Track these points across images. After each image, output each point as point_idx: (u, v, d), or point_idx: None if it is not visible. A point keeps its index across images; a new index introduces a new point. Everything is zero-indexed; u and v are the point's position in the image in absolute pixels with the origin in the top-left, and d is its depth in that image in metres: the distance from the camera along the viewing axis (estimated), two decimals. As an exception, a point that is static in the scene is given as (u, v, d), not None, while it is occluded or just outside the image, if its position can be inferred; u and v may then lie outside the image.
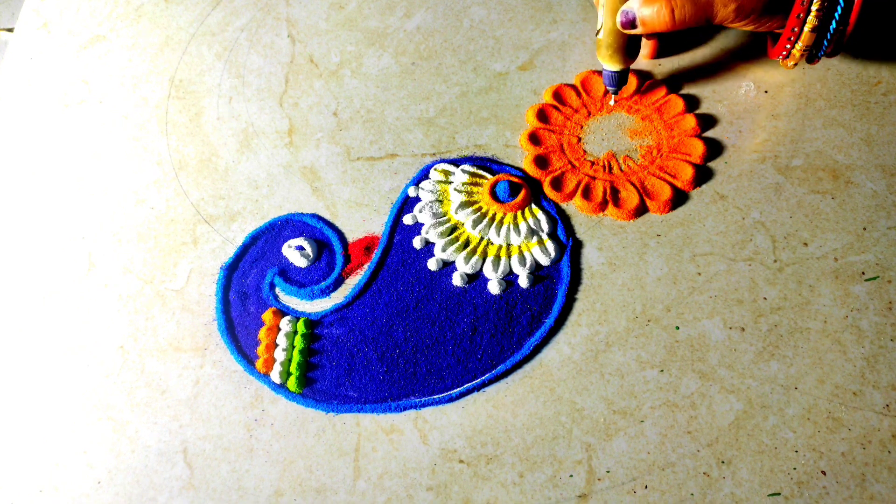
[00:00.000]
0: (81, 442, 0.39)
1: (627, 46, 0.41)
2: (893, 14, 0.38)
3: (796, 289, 0.39)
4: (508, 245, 0.42)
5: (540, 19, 0.51)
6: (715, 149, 0.44)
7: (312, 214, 0.45)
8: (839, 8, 0.37)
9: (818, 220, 0.40)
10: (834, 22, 0.38)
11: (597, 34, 0.41)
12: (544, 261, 0.41)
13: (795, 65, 0.41)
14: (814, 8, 0.37)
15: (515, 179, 0.43)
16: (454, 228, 0.43)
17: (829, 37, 0.38)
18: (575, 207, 0.43)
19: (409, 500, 0.35)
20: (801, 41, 0.39)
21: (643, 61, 0.48)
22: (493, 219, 0.42)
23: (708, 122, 0.45)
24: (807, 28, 0.38)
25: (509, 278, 0.41)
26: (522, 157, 0.45)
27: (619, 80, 0.43)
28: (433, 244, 0.42)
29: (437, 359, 0.39)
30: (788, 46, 0.40)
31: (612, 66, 0.42)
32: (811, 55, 0.40)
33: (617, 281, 0.40)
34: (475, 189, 0.44)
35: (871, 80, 0.45)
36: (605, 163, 0.44)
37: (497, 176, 0.44)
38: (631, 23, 0.39)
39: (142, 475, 0.37)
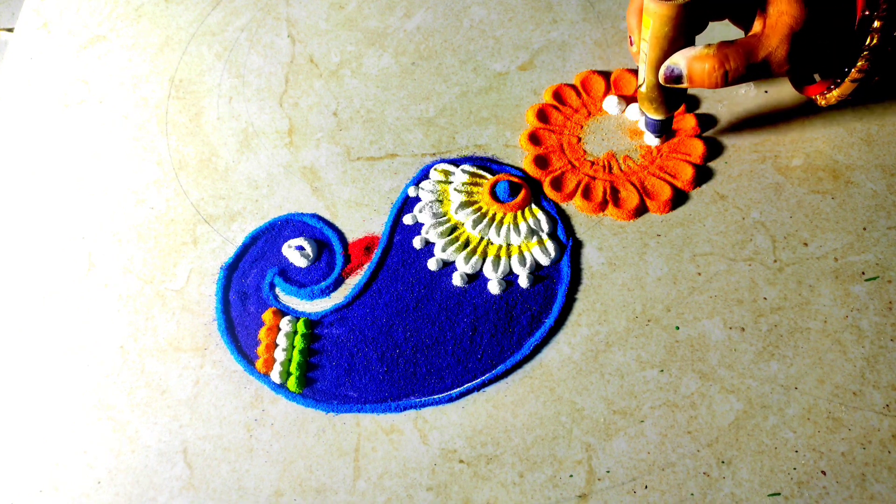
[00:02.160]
0: (81, 442, 0.39)
1: (672, 97, 0.40)
2: None
3: (796, 289, 0.39)
4: (508, 245, 0.42)
5: (540, 19, 0.51)
6: (715, 149, 0.44)
7: (312, 214, 0.45)
8: (884, 64, 0.36)
9: (818, 220, 0.40)
10: (877, 74, 0.37)
11: (639, 87, 0.40)
12: (544, 261, 0.41)
13: (828, 104, 0.41)
14: (859, 63, 0.37)
15: (515, 179, 0.43)
16: (454, 228, 0.43)
17: (872, 80, 0.38)
18: (575, 207, 0.43)
19: (409, 500, 0.35)
20: (841, 90, 0.39)
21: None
22: (493, 219, 0.42)
23: (708, 122, 0.45)
24: (848, 79, 0.38)
25: (509, 278, 0.41)
26: (522, 157, 0.45)
27: (663, 127, 0.42)
28: (433, 244, 0.42)
29: (437, 359, 0.39)
30: (825, 92, 0.40)
31: (655, 116, 0.41)
32: (850, 96, 0.39)
33: (617, 281, 0.40)
34: (475, 189, 0.44)
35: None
36: (605, 163, 0.44)
37: (497, 176, 0.44)
38: (676, 79, 0.37)
39: (142, 475, 0.37)
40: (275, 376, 0.39)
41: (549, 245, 0.41)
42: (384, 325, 0.40)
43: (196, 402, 0.39)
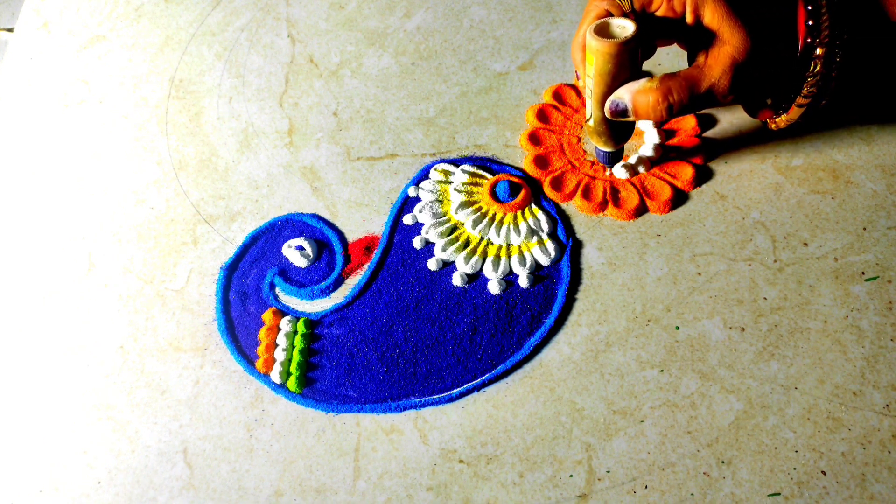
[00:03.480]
0: (81, 442, 0.39)
1: (620, 130, 0.39)
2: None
3: (796, 289, 0.39)
4: (508, 245, 0.42)
5: (540, 19, 0.51)
6: (715, 149, 0.44)
7: (312, 214, 0.45)
8: (829, 86, 0.37)
9: (818, 220, 0.40)
10: (823, 98, 0.37)
11: (586, 121, 0.40)
12: (544, 261, 0.41)
13: (779, 129, 0.40)
14: (805, 89, 0.37)
15: (515, 179, 0.43)
16: (454, 228, 0.43)
17: (819, 104, 0.38)
18: (575, 207, 0.43)
19: (409, 500, 0.35)
20: (788, 114, 0.39)
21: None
22: (493, 219, 0.42)
23: (708, 122, 0.45)
24: (794, 105, 0.38)
25: (509, 278, 0.41)
26: (522, 157, 0.45)
27: (613, 158, 0.41)
28: (433, 244, 0.42)
29: (437, 359, 0.39)
30: (774, 116, 0.40)
31: (605, 148, 0.41)
32: (798, 120, 0.39)
33: (617, 281, 0.40)
34: (475, 189, 0.44)
35: (872, 79, 0.45)
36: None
37: (497, 176, 0.44)
38: (622, 112, 0.37)
39: (142, 475, 0.37)
40: (275, 376, 0.39)
41: (549, 245, 0.41)
42: (384, 325, 0.40)
43: (196, 402, 0.39)
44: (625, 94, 0.37)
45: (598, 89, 0.37)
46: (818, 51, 0.35)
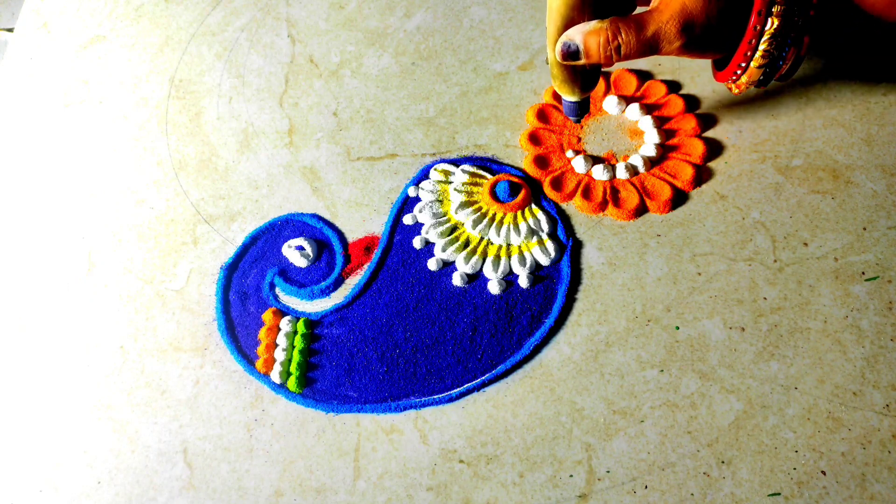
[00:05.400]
0: (81, 442, 0.39)
1: (583, 76, 0.38)
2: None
3: (796, 289, 0.39)
4: (508, 245, 0.42)
5: (540, 19, 0.51)
6: (715, 149, 0.44)
7: (312, 214, 0.45)
8: (787, 46, 0.36)
9: (818, 220, 0.40)
10: (782, 60, 0.36)
11: (547, 64, 0.39)
12: (544, 261, 0.41)
13: (741, 91, 0.40)
14: (762, 46, 0.36)
15: (515, 179, 0.43)
16: (454, 228, 0.43)
17: (779, 66, 0.37)
18: (575, 207, 0.43)
19: (409, 500, 0.35)
20: (748, 75, 0.38)
21: (642, 61, 0.48)
22: (493, 219, 0.42)
23: (708, 122, 0.45)
24: (753, 64, 0.37)
25: (509, 278, 0.41)
26: (522, 157, 0.45)
27: (578, 110, 0.40)
28: (433, 244, 0.42)
29: (437, 359, 0.39)
30: (734, 78, 0.39)
31: (567, 96, 0.39)
32: (759, 83, 0.38)
33: (617, 281, 0.40)
34: (475, 189, 0.44)
35: (872, 79, 0.45)
36: (606, 163, 0.44)
37: (497, 176, 0.44)
38: (573, 55, 0.36)
39: (142, 475, 0.37)
40: (275, 376, 0.39)
41: (549, 245, 0.41)
42: (384, 325, 0.40)
43: (196, 402, 0.39)
44: (576, 35, 0.36)
45: (551, 27, 0.37)
46: (776, 7, 0.34)
